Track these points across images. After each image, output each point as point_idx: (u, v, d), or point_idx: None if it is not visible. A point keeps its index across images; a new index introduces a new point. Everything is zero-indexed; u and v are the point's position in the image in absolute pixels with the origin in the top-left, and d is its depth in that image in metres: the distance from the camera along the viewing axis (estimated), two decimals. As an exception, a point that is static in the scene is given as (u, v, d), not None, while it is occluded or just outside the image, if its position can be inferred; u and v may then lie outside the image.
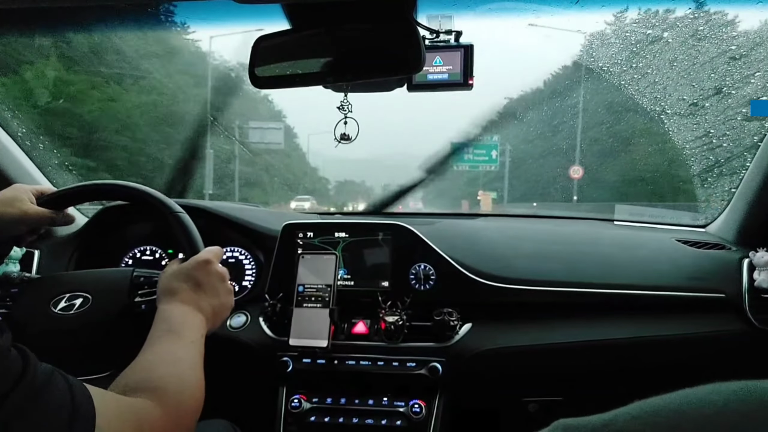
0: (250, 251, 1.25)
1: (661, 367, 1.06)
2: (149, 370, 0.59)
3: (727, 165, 1.44)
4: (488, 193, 8.68)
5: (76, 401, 0.44)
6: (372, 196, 7.49)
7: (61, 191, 0.85)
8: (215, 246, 0.82)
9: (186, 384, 0.60)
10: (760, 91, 1.43)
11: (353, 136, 0.82)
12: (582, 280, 1.11)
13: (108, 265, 1.19)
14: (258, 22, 0.74)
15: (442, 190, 10.08)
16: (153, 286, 0.83)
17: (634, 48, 1.91)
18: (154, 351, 0.63)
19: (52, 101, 2.72)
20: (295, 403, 1.00)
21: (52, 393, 0.44)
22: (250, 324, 1.11)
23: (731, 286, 1.07)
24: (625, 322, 1.07)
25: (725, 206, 1.29)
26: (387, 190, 1.76)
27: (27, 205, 0.79)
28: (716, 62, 1.57)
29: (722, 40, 1.51)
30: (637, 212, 1.51)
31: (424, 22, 0.73)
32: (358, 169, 20.87)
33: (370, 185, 13.07)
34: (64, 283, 0.83)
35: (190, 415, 0.60)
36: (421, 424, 0.98)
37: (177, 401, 0.57)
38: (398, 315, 1.04)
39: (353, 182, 21.72)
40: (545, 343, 1.06)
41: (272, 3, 0.63)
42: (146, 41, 4.87)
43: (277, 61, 0.73)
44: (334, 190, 17.83)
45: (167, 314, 0.69)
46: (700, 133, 1.60)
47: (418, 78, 0.80)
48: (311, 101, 0.85)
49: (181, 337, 0.66)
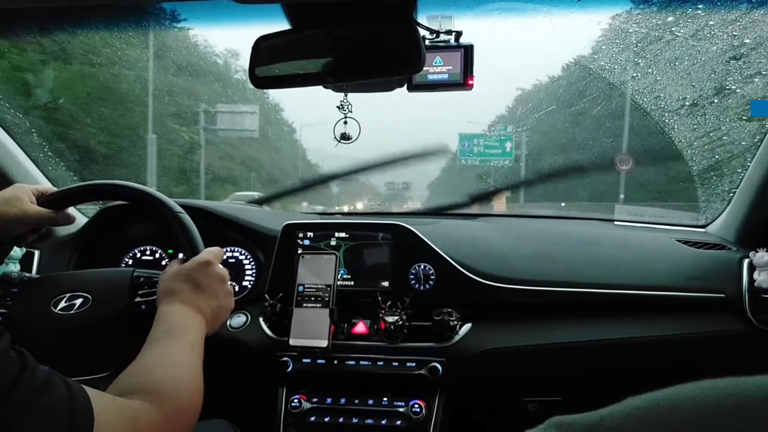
0: (250, 251, 1.25)
1: (661, 367, 1.06)
2: (147, 373, 0.59)
3: (727, 165, 1.44)
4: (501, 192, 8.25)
5: (74, 403, 0.44)
6: (375, 194, 7.10)
7: (62, 191, 0.85)
8: (215, 247, 0.82)
9: (184, 387, 0.60)
10: (761, 91, 1.43)
11: (354, 136, 0.81)
12: (582, 280, 1.11)
13: (108, 265, 1.19)
14: (258, 22, 0.74)
15: (450, 189, 9.81)
16: (153, 286, 0.83)
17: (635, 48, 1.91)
18: (152, 353, 0.63)
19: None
20: (295, 403, 1.00)
21: (51, 395, 0.44)
22: (250, 324, 1.11)
23: (731, 286, 1.07)
24: (625, 322, 1.07)
25: (725, 206, 1.29)
26: (391, 188, 1.75)
27: (27, 205, 0.79)
28: (716, 62, 1.57)
29: (723, 40, 1.51)
30: (637, 212, 1.51)
31: (424, 22, 0.73)
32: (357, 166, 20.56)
33: (374, 183, 13.05)
34: (64, 283, 0.83)
35: (187, 418, 0.60)
36: (421, 424, 0.98)
37: (174, 404, 0.57)
38: (398, 315, 1.04)
39: (356, 180, 21.53)
40: (545, 343, 1.06)
41: (272, 3, 0.63)
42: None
43: (277, 61, 0.73)
44: (335, 188, 17.63)
45: (167, 316, 0.69)
46: (700, 133, 1.60)
47: (418, 78, 0.80)
48: (309, 92, 0.84)
49: (180, 339, 0.66)
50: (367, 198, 6.41)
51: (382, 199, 6.98)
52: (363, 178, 4.65)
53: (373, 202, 6.54)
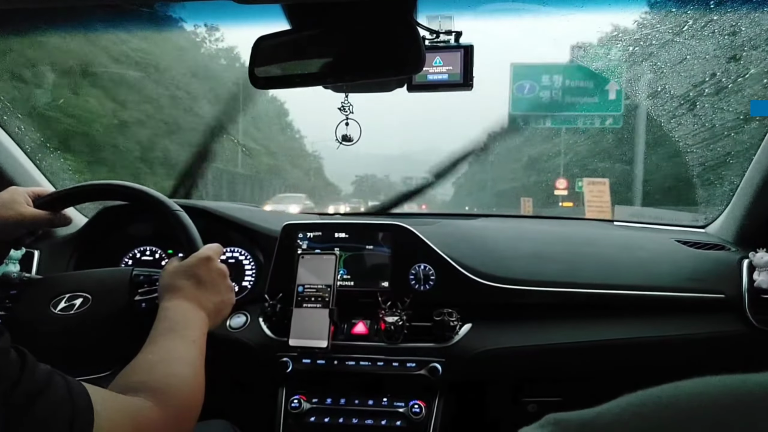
0: (250, 251, 1.25)
1: (661, 368, 1.06)
2: (149, 370, 0.59)
3: (727, 165, 1.44)
4: (600, 181, 4.09)
5: (74, 400, 0.45)
6: (394, 190, 6.97)
7: (57, 192, 0.85)
8: (214, 243, 0.82)
9: (185, 384, 0.60)
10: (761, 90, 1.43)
11: (355, 138, 0.81)
12: (582, 280, 1.11)
13: (108, 265, 1.18)
14: (258, 22, 0.74)
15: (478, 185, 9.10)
16: (153, 284, 0.83)
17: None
18: (154, 350, 0.63)
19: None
20: (294, 404, 1.00)
21: (52, 393, 0.44)
22: (250, 324, 1.11)
23: (731, 287, 1.07)
24: (625, 322, 1.07)
25: (725, 206, 1.29)
26: (408, 184, 1.75)
27: (24, 208, 0.78)
28: (716, 61, 1.57)
29: (719, 39, 1.51)
30: (637, 213, 1.51)
31: (424, 23, 0.73)
32: (384, 164, 20.29)
33: (394, 180, 13.03)
34: (64, 284, 0.83)
35: (189, 415, 0.60)
36: (421, 425, 0.98)
37: (176, 401, 0.57)
38: (398, 315, 1.04)
39: (374, 176, 21.60)
40: (545, 344, 1.06)
41: (272, 3, 0.63)
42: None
43: (277, 61, 0.73)
44: (354, 185, 17.63)
45: (169, 312, 0.69)
46: (700, 133, 1.60)
47: (418, 78, 0.80)
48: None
49: (182, 336, 0.66)
50: (383, 194, 6.33)
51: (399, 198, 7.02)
52: (381, 174, 4.46)
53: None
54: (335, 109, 0.79)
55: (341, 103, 0.80)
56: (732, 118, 1.50)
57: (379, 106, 30.62)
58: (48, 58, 3.28)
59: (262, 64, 0.72)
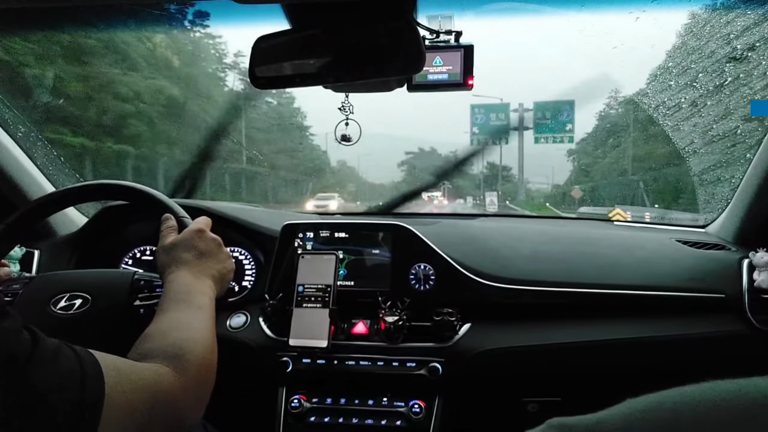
0: (250, 251, 1.25)
1: (661, 368, 1.06)
2: (162, 337, 0.60)
3: (726, 165, 1.44)
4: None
5: (84, 365, 0.46)
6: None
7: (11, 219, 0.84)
8: (202, 216, 0.84)
9: (201, 346, 0.61)
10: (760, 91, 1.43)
11: (355, 138, 0.82)
12: (582, 280, 1.10)
13: (108, 265, 1.19)
14: (258, 22, 0.74)
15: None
16: (153, 290, 0.84)
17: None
18: (164, 320, 0.64)
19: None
20: (294, 403, 1.00)
21: (64, 360, 0.46)
22: (250, 324, 1.11)
23: (731, 287, 1.07)
24: (625, 322, 1.07)
25: (725, 206, 1.29)
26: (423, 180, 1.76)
27: None
28: (717, 62, 1.57)
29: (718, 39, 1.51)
30: (637, 213, 1.51)
31: (424, 22, 0.73)
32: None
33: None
34: (64, 283, 0.83)
35: (206, 379, 0.61)
36: (421, 425, 0.98)
37: (192, 365, 0.58)
38: (398, 315, 1.04)
39: (422, 150, 21.45)
40: (545, 343, 1.06)
41: (272, 3, 0.63)
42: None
43: (277, 61, 0.73)
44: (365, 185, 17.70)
45: (174, 284, 0.70)
46: (699, 133, 1.60)
47: (418, 78, 0.80)
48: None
49: (190, 304, 0.67)
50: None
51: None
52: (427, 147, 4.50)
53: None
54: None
55: (341, 103, 0.80)
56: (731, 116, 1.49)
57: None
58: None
59: (263, 63, 0.72)
